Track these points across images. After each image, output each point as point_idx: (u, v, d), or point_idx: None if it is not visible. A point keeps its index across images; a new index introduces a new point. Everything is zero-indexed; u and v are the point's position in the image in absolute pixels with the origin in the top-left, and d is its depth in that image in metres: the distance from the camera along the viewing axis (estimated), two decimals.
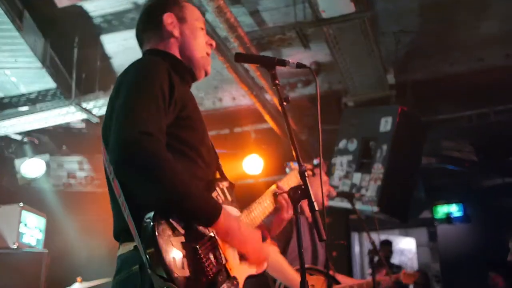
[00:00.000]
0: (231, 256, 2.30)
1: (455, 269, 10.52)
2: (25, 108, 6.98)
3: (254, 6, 6.29)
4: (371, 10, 6.16)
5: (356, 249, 12.84)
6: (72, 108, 6.81)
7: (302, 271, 2.22)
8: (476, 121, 8.21)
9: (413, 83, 7.67)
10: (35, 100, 6.97)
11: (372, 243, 4.82)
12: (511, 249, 6.50)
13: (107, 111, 2.40)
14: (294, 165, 3.14)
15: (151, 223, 2.03)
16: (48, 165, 8.63)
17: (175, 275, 1.99)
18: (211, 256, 2.18)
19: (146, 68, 2.36)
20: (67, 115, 7.05)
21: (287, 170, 3.00)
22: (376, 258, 4.95)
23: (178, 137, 2.31)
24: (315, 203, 2.24)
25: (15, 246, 6.78)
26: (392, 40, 6.92)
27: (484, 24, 6.69)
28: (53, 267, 7.10)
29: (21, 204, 7.04)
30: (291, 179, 3.00)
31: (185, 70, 2.63)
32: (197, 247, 2.13)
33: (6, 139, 8.24)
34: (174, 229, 2.09)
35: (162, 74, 2.33)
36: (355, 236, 12.53)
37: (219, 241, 2.25)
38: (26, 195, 8.35)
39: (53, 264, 7.09)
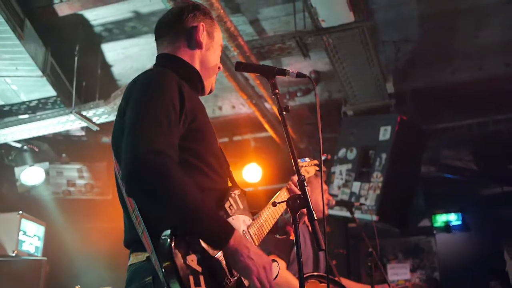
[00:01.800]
0: None
1: (454, 278, 10.48)
2: (25, 116, 6.99)
3: (254, 15, 6.32)
4: (371, 20, 6.18)
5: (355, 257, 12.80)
6: (72, 116, 6.80)
7: (300, 280, 2.21)
8: (476, 130, 8.21)
9: (412, 92, 7.68)
10: (35, 108, 6.98)
11: (371, 252, 4.81)
12: (507, 260, 6.46)
13: (116, 121, 2.39)
14: (302, 161, 3.17)
15: (168, 240, 2.02)
16: (47, 173, 8.63)
17: None
18: (227, 270, 2.18)
19: (155, 82, 2.33)
20: (67, 123, 7.05)
21: None
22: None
23: (188, 149, 2.29)
24: (314, 213, 2.24)
25: (14, 254, 6.78)
26: (392, 49, 6.93)
27: (484, 33, 6.71)
28: (52, 275, 7.10)
29: (20, 212, 7.04)
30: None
31: (198, 80, 2.61)
32: (212, 263, 2.13)
33: (6, 147, 8.24)
34: (190, 246, 2.08)
35: (172, 86, 2.30)
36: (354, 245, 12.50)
37: None
38: (25, 203, 8.35)
39: (52, 272, 7.10)
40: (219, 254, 2.18)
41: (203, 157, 2.39)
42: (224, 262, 2.18)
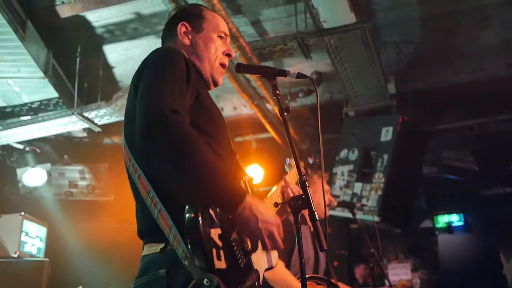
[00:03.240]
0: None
1: (455, 279, 10.47)
2: (27, 118, 7.00)
3: (256, 16, 6.33)
4: (372, 21, 6.18)
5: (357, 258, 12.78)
6: (74, 118, 6.81)
7: (303, 281, 2.22)
8: (477, 130, 8.19)
9: (414, 92, 7.68)
10: (37, 110, 6.99)
11: (373, 252, 4.81)
12: (503, 263, 6.45)
13: (127, 107, 2.43)
14: (292, 162, 3.14)
15: (195, 213, 1.99)
16: (49, 174, 8.64)
17: (215, 266, 1.96)
18: (241, 249, 2.17)
19: (166, 54, 2.41)
20: (69, 124, 7.06)
21: (286, 168, 2.99)
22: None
23: (198, 126, 2.29)
24: (315, 213, 2.24)
25: (16, 255, 6.78)
26: (393, 50, 6.94)
27: (486, 34, 6.71)
28: (54, 276, 7.09)
29: (22, 213, 7.05)
30: (294, 176, 3.02)
31: (195, 69, 2.62)
32: (231, 239, 2.12)
33: (8, 148, 8.25)
34: (212, 221, 2.05)
35: (181, 59, 2.37)
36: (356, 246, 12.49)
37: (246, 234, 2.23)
38: (27, 204, 8.35)
39: (54, 273, 7.08)
40: (236, 233, 2.17)
41: (214, 135, 2.40)
42: (239, 242, 2.17)
